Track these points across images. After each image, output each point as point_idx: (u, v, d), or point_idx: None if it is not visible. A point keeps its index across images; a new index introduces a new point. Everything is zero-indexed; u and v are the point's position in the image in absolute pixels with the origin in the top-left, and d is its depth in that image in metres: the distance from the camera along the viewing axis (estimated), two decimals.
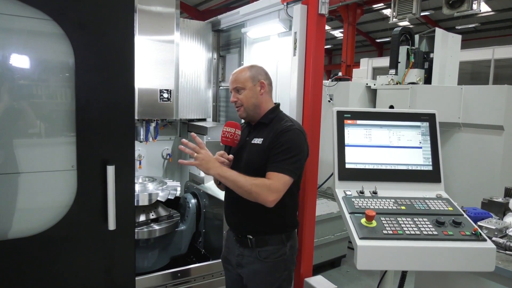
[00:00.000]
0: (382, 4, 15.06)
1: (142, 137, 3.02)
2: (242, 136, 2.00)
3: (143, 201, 2.97)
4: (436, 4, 11.85)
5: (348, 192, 1.93)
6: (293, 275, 2.10)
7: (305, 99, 2.50)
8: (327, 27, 19.98)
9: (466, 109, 4.18)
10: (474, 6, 7.03)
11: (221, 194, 3.29)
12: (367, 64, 10.14)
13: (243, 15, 3.15)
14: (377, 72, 10.44)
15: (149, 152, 3.75)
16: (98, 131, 1.78)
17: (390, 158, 2.02)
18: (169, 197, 3.07)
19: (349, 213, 1.77)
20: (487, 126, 4.07)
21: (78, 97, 1.73)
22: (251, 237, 1.91)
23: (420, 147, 2.04)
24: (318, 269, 3.93)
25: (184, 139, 1.84)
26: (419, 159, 2.03)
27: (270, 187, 1.73)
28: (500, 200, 2.66)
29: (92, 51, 1.74)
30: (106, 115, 1.79)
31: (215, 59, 3.83)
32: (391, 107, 4.65)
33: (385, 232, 1.63)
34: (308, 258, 2.70)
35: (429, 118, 2.07)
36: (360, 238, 1.60)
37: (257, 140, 1.93)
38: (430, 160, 2.02)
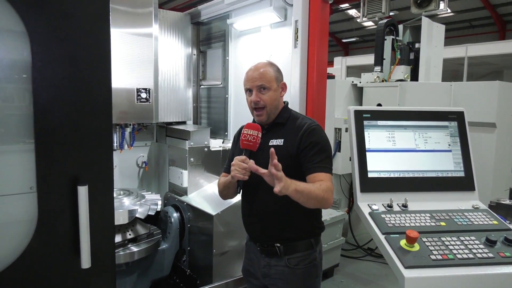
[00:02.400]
0: (348, 4, 15.16)
1: (116, 144, 2.60)
2: None
3: (118, 219, 2.55)
4: (401, 4, 12.01)
5: (374, 207, 1.63)
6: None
7: (308, 96, 2.19)
8: None
9: (456, 107, 4.02)
10: (441, 6, 7.06)
11: (206, 206, 2.94)
12: (341, 63, 10.03)
13: (228, 4, 2.79)
14: (350, 70, 10.38)
15: (122, 160, 3.31)
16: (65, 142, 1.37)
17: (417, 164, 1.75)
18: (149, 213, 2.66)
19: (384, 234, 1.46)
20: (478, 123, 3.92)
21: (37, 97, 1.31)
22: (279, 245, 1.76)
23: (450, 151, 1.78)
24: None
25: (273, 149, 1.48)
26: (449, 164, 1.76)
27: (331, 188, 1.63)
28: (507, 202, 2.48)
29: (54, 36, 1.33)
30: (75, 120, 1.38)
31: (194, 55, 3.45)
32: (379, 105, 4.44)
33: (433, 257, 1.34)
34: None
35: (458, 117, 1.82)
36: (406, 267, 1.29)
37: (277, 141, 1.75)
38: (462, 165, 1.77)
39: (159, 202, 2.79)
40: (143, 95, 2.44)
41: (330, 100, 4.55)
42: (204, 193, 3.10)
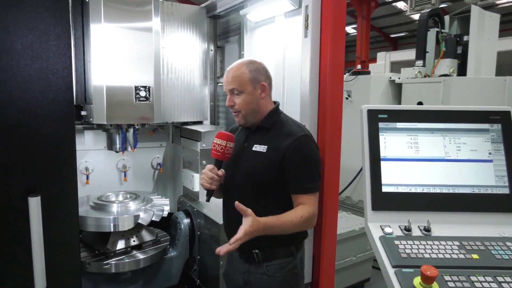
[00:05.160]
0: None
1: (118, 146, 2.45)
2: (239, 141, 1.77)
3: (123, 225, 2.39)
4: None
5: (387, 230, 1.32)
6: None
7: (320, 93, 1.90)
8: None
9: None
10: None
11: (216, 213, 2.72)
12: (384, 58, 9.42)
13: None
14: (395, 66, 9.73)
15: (136, 162, 3.19)
16: (14, 144, 1.20)
17: (446, 176, 1.41)
18: (153, 219, 2.49)
19: (394, 267, 1.15)
20: None
21: None
22: (257, 251, 1.71)
23: (491, 161, 1.41)
24: None
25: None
26: (490, 177, 1.40)
27: (314, 213, 1.63)
28: None
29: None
30: (27, 121, 1.20)
31: (211, 50, 3.24)
32: (420, 103, 3.99)
33: None
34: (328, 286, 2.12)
35: (502, 118, 1.45)
36: None
37: (260, 148, 1.69)
38: (506, 179, 1.40)
39: (166, 207, 2.61)
40: (142, 93, 2.26)
41: (363, 99, 4.18)
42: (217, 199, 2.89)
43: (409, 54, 9.13)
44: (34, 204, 1.20)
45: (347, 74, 4.53)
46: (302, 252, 1.80)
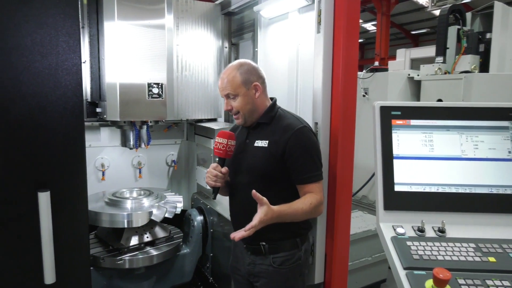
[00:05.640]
0: None
1: (131, 143, 2.47)
2: (240, 138, 1.86)
3: (137, 221, 2.42)
4: None
5: (399, 230, 1.28)
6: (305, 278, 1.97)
7: (333, 90, 1.86)
8: None
9: None
10: None
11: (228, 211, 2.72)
12: (404, 55, 9.22)
13: None
14: (415, 64, 9.51)
15: (151, 159, 3.21)
16: (25, 139, 1.21)
17: (462, 176, 1.35)
18: (166, 216, 2.50)
19: (406, 269, 1.12)
20: None
21: None
22: (264, 243, 1.78)
23: (510, 160, 1.35)
24: None
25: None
26: (509, 177, 1.34)
27: (321, 200, 1.70)
28: None
29: (13, 21, 1.18)
30: (37, 117, 1.22)
31: (226, 47, 3.23)
32: (439, 101, 3.88)
33: None
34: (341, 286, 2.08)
35: None
36: None
37: (261, 143, 1.77)
38: None
39: (179, 205, 2.62)
40: (155, 90, 2.27)
41: (380, 96, 4.10)
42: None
43: (430, 50, 8.88)
44: (44, 199, 1.21)
45: (364, 71, 4.45)
46: (307, 244, 1.88)
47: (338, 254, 2.02)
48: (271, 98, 1.89)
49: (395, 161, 1.37)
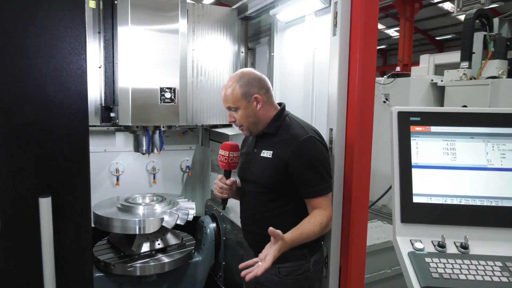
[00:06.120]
0: None
1: (144, 148, 2.45)
2: (249, 147, 1.86)
3: (149, 228, 2.39)
4: None
5: (418, 245, 1.19)
6: None
7: (349, 95, 1.78)
8: (380, 26, 18.68)
9: None
10: None
11: None
12: (428, 61, 9.00)
13: None
14: (439, 70, 9.25)
15: (165, 164, 3.19)
16: (29, 143, 1.19)
17: (488, 187, 1.25)
18: (177, 223, 2.46)
19: None
20: None
21: None
22: None
23: None
24: None
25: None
26: None
27: (330, 216, 1.67)
28: None
29: (18, 25, 1.16)
30: (43, 116, 1.20)
31: (242, 52, 3.19)
32: (464, 107, 3.72)
33: None
34: None
35: None
36: None
37: (266, 153, 1.74)
38: None
39: (192, 211, 2.58)
40: (167, 94, 2.24)
41: (402, 102, 3.97)
42: None
43: (455, 56, 8.64)
44: (45, 205, 1.18)
45: (385, 76, 4.33)
46: (318, 255, 1.81)
47: (354, 266, 1.93)
48: (280, 104, 1.83)
49: (413, 170, 1.28)
